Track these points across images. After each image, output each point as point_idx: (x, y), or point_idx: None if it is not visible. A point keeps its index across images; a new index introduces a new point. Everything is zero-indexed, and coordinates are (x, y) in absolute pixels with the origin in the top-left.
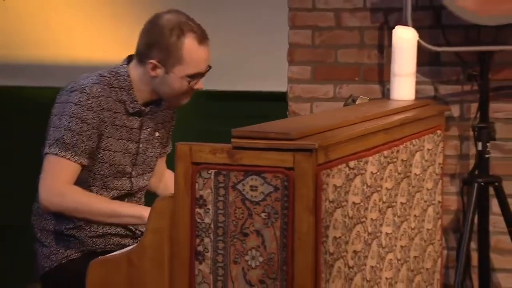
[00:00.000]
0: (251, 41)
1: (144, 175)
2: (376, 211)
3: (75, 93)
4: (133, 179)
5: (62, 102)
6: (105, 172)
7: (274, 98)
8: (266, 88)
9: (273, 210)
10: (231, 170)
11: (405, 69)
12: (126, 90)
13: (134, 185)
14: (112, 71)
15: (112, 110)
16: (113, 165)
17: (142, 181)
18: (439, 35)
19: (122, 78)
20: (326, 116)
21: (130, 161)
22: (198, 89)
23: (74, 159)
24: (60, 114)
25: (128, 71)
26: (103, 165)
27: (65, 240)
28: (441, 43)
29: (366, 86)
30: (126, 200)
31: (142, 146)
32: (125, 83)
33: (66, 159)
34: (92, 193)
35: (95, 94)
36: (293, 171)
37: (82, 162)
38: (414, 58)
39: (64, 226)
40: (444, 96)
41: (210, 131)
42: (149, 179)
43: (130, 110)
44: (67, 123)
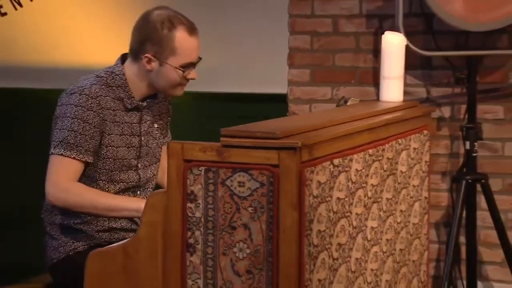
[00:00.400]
0: (254, 46)
1: (150, 166)
2: (361, 206)
3: (75, 95)
4: (140, 171)
5: (63, 104)
6: (109, 166)
7: (275, 100)
8: (268, 90)
9: (259, 205)
10: (220, 167)
11: (393, 72)
12: (123, 88)
13: (142, 177)
14: (107, 71)
15: (111, 108)
16: (117, 159)
17: (149, 172)
18: (431, 41)
19: (117, 76)
20: (313, 116)
21: (134, 154)
22: (192, 79)
23: (79, 158)
24: (62, 116)
25: (123, 70)
26: (107, 160)
27: (73, 233)
28: (433, 48)
29: (362, 88)
30: (138, 192)
31: (144, 138)
32: (121, 81)
33: (71, 158)
34: (95, 189)
35: (94, 95)
36: (278, 168)
37: (87, 160)
38: (402, 61)
39: (72, 220)
40: (435, 98)
41: (214, 131)
42: (156, 170)
43: (128, 106)
44: (70, 124)
